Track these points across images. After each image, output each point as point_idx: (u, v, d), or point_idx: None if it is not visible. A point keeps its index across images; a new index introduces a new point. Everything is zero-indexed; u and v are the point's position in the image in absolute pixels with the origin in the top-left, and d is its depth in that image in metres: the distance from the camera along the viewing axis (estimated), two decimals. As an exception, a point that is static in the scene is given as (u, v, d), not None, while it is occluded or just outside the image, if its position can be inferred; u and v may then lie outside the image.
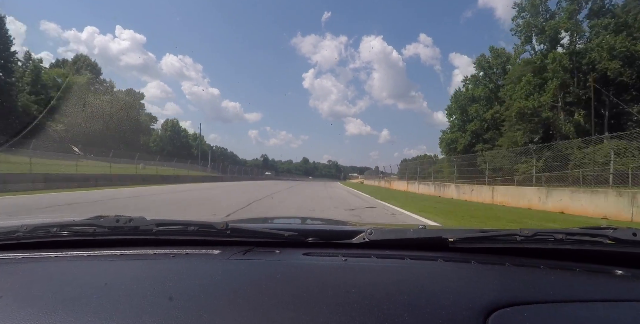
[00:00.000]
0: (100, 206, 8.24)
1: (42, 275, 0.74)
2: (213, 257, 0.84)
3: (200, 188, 18.63)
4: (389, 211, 8.87)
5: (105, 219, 0.95)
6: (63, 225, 0.92)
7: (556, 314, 0.57)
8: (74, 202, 8.67)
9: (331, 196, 14.38)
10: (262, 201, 10.33)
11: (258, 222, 1.47)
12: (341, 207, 9.55)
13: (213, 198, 11.99)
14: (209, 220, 0.98)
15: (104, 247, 0.90)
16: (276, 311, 0.54)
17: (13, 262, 0.82)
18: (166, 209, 8.17)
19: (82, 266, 0.80)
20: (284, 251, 0.88)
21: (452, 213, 8.92)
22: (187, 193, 13.69)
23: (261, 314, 0.53)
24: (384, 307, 0.55)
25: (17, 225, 0.91)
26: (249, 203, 9.42)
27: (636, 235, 0.78)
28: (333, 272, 0.74)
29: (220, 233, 0.89)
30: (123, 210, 7.67)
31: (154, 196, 11.40)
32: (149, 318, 0.52)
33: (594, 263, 0.81)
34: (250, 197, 11.78)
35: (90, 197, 10.14)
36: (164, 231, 0.91)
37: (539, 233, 0.82)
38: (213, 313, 0.53)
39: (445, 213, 8.78)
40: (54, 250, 0.88)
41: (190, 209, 8.29)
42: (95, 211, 6.45)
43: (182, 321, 0.51)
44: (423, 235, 0.89)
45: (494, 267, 0.79)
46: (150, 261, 0.82)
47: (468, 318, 0.52)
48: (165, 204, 9.33)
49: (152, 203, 9.51)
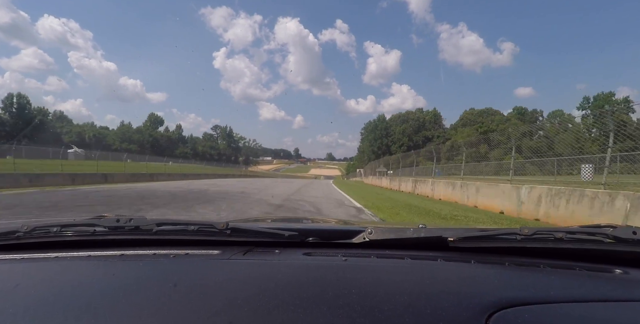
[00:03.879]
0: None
1: (42, 276, 0.73)
2: (213, 257, 0.84)
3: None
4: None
5: (105, 219, 0.94)
6: (63, 225, 0.91)
7: (557, 314, 0.57)
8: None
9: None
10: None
11: (258, 222, 1.46)
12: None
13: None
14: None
15: (104, 247, 0.89)
16: (277, 312, 0.54)
17: (13, 263, 0.81)
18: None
19: (82, 267, 0.80)
20: (284, 251, 0.88)
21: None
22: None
23: (262, 315, 0.53)
24: (384, 307, 0.55)
25: (16, 225, 0.90)
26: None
27: (636, 233, 0.78)
28: (333, 272, 0.74)
29: (220, 233, 0.89)
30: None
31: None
32: (149, 319, 0.52)
33: (593, 262, 0.81)
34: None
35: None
36: (164, 231, 0.90)
37: (538, 232, 0.82)
38: (213, 313, 0.53)
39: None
40: (54, 251, 0.87)
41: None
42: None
43: (182, 321, 0.51)
44: (423, 234, 0.89)
45: (494, 267, 0.80)
46: (150, 261, 0.82)
47: (469, 318, 0.52)
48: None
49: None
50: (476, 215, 9.02)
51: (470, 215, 8.92)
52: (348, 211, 9.52)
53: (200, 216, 7.43)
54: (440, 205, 11.85)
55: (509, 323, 0.53)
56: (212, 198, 11.66)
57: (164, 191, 14.00)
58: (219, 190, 16.30)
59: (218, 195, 13.35)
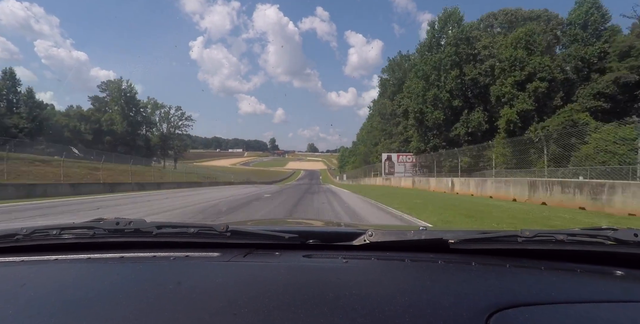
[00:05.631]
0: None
1: (41, 279, 0.73)
2: (213, 260, 0.84)
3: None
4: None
5: (105, 221, 0.95)
6: (63, 228, 0.92)
7: (557, 315, 0.57)
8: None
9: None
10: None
11: (258, 224, 1.44)
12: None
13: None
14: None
15: (104, 250, 0.90)
16: (277, 314, 0.54)
17: (12, 265, 0.82)
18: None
19: (81, 270, 0.80)
20: (284, 253, 0.88)
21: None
22: None
23: (262, 317, 0.53)
24: (385, 309, 0.55)
25: (16, 228, 0.91)
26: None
27: (637, 235, 0.78)
28: (334, 274, 0.73)
29: (220, 235, 0.89)
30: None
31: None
32: (149, 321, 0.52)
33: (594, 264, 0.81)
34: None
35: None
36: (164, 233, 0.91)
37: (539, 234, 0.82)
38: (214, 316, 0.53)
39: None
40: (53, 253, 0.87)
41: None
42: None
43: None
44: (423, 236, 0.88)
45: (495, 268, 0.79)
46: (150, 264, 0.82)
47: (469, 319, 0.52)
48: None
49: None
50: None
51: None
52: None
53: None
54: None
55: (510, 323, 0.53)
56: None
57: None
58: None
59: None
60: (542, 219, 7.37)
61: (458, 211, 8.67)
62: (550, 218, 7.44)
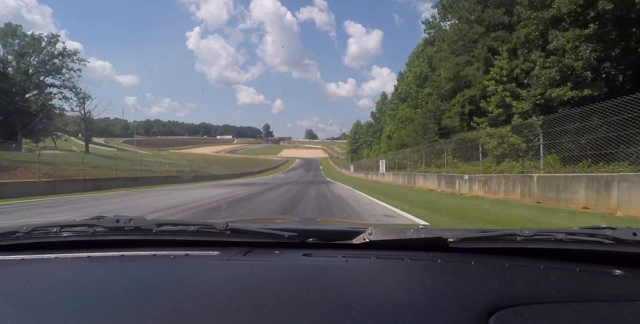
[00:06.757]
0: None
1: (41, 277, 0.73)
2: (213, 258, 0.84)
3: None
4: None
5: (105, 219, 0.95)
6: (63, 226, 0.92)
7: (557, 314, 0.57)
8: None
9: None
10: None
11: (258, 222, 1.40)
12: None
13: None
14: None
15: (104, 248, 0.90)
16: (277, 313, 0.54)
17: (12, 263, 0.82)
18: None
19: (82, 269, 0.80)
20: (284, 251, 0.88)
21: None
22: None
23: (262, 316, 0.53)
24: (385, 308, 0.55)
25: (16, 226, 0.90)
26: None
27: (636, 234, 0.78)
28: (333, 273, 0.73)
29: (220, 233, 0.89)
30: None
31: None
32: (149, 319, 0.52)
33: (593, 263, 0.81)
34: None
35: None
36: (164, 231, 0.90)
37: (538, 233, 0.82)
38: (214, 315, 0.53)
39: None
40: (53, 251, 0.87)
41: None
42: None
43: (182, 322, 0.51)
44: (423, 235, 0.89)
45: (495, 267, 0.79)
46: (150, 262, 0.82)
47: (469, 319, 0.52)
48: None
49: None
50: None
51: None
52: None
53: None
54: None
55: (510, 322, 0.53)
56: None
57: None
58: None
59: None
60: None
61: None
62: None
